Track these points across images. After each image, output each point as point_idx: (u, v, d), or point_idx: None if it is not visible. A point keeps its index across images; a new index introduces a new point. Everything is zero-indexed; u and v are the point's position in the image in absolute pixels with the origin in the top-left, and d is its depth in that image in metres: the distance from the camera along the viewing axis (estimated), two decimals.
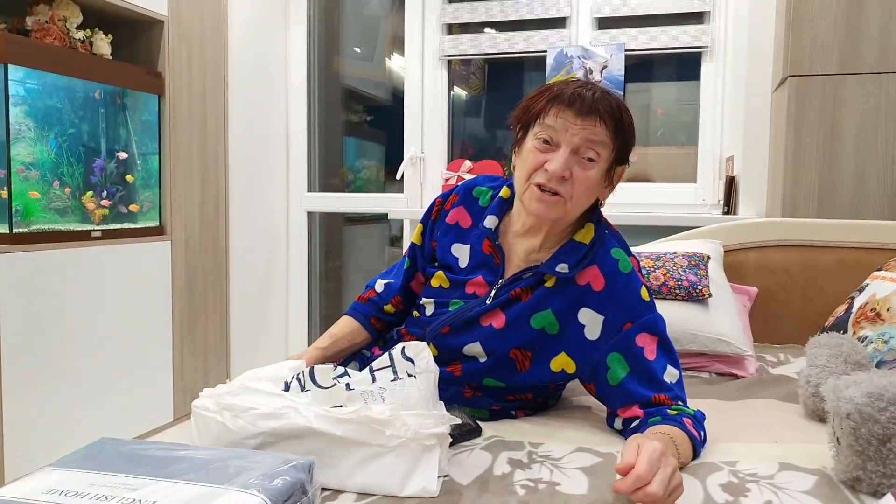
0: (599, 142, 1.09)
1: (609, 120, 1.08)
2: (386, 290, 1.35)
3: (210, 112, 2.62)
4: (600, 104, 1.07)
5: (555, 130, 1.09)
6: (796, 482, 0.96)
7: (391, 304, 1.34)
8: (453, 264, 1.25)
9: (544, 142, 1.10)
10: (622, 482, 0.82)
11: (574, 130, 1.08)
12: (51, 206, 2.10)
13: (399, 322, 1.35)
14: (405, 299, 1.34)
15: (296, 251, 3.26)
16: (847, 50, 2.06)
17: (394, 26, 3.22)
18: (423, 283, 1.32)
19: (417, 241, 1.34)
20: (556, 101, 1.09)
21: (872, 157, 2.05)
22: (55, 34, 2.03)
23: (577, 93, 1.08)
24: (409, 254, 1.35)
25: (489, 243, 1.21)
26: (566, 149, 1.08)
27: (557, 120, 1.08)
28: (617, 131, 1.10)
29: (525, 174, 1.12)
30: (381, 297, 1.34)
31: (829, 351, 1.31)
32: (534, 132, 1.12)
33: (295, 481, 0.78)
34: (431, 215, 1.32)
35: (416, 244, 1.34)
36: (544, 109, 1.10)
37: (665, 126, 2.85)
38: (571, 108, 1.07)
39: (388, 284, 1.35)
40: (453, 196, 1.30)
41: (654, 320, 1.15)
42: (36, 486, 0.72)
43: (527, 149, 1.13)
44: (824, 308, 1.91)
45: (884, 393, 0.90)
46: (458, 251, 1.25)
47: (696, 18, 2.67)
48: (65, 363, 2.05)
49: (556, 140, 1.09)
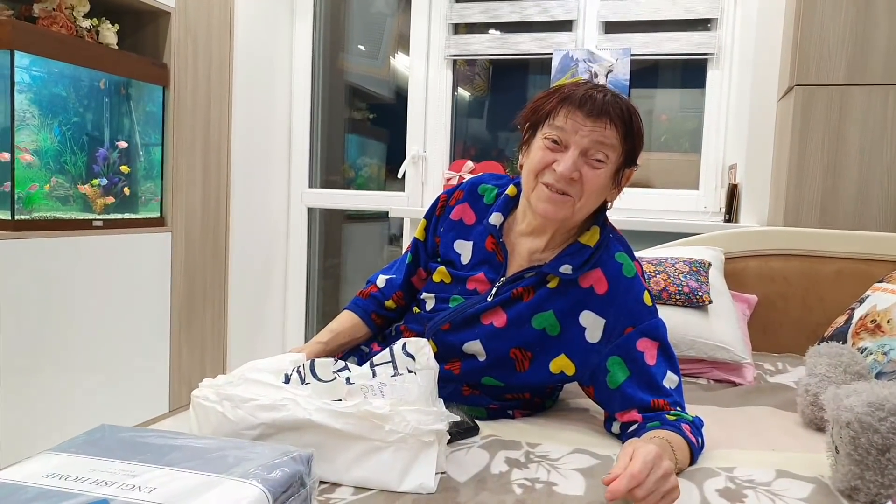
0: (609, 144, 1.09)
1: (619, 123, 1.08)
2: (387, 286, 1.35)
3: (214, 105, 2.62)
4: (611, 107, 1.07)
5: (564, 131, 1.09)
6: (793, 490, 0.96)
7: (392, 300, 1.34)
8: (455, 260, 1.25)
9: (553, 142, 1.10)
10: (617, 482, 0.82)
11: (584, 132, 1.07)
12: (53, 194, 2.09)
13: (399, 318, 1.35)
14: (406, 295, 1.34)
15: (295, 247, 3.25)
16: (854, 61, 2.06)
17: (399, 25, 3.22)
18: (424, 278, 1.32)
19: (420, 236, 1.33)
20: (567, 102, 1.09)
21: (877, 168, 2.06)
22: (62, 22, 2.03)
23: (587, 94, 1.08)
24: (411, 249, 1.35)
25: (493, 240, 1.21)
26: (575, 150, 1.08)
27: (567, 121, 1.08)
28: (626, 134, 1.10)
29: (533, 173, 1.12)
30: (382, 292, 1.34)
31: (829, 360, 1.31)
32: (543, 132, 1.11)
33: (294, 473, 0.78)
34: (436, 211, 1.31)
35: (420, 239, 1.33)
36: (554, 110, 1.09)
37: (668, 132, 2.85)
38: (582, 109, 1.07)
39: (389, 280, 1.35)
40: (458, 192, 1.30)
41: (656, 325, 1.15)
42: (36, 470, 0.72)
43: (535, 148, 1.12)
44: (824, 318, 1.92)
45: (884, 403, 0.90)
46: (460, 247, 1.25)
47: (703, 25, 2.67)
48: (62, 351, 2.04)
49: (565, 141, 1.09)
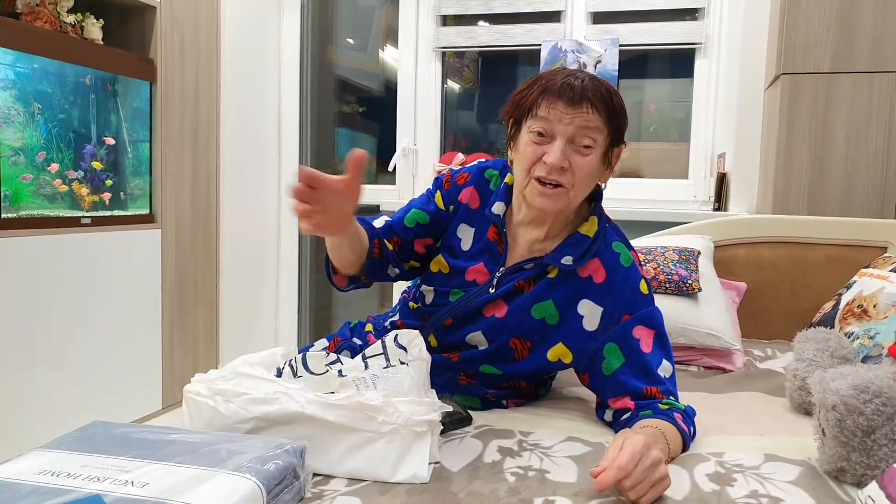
0: (594, 128, 1.08)
1: (601, 105, 1.08)
2: (385, 228, 1.22)
3: (202, 100, 2.61)
4: (590, 91, 1.07)
5: (548, 122, 1.09)
6: (781, 473, 0.98)
7: (391, 242, 1.22)
8: (455, 246, 1.23)
9: (539, 134, 1.10)
10: (604, 474, 0.83)
11: (567, 120, 1.07)
12: (40, 191, 2.08)
13: (386, 265, 1.22)
14: (404, 246, 1.23)
15: (287, 241, 3.25)
16: (840, 49, 2.07)
17: (388, 17, 3.20)
18: (425, 247, 1.24)
19: (441, 204, 1.24)
20: (546, 93, 1.08)
21: (863, 155, 2.07)
22: (45, 17, 2.01)
23: (566, 83, 1.08)
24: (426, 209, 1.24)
25: (495, 230, 1.20)
26: (562, 139, 1.08)
27: (550, 112, 1.08)
28: (610, 116, 1.10)
29: (524, 169, 1.12)
30: (380, 231, 1.21)
31: (816, 345, 1.33)
32: (527, 126, 1.11)
33: (287, 465, 0.78)
34: (443, 185, 1.25)
35: (439, 208, 1.24)
36: (535, 102, 1.09)
37: (658, 122, 2.86)
38: (562, 98, 1.07)
39: (388, 223, 1.24)
40: (465, 174, 1.26)
41: (652, 313, 1.16)
42: (28, 467, 0.72)
43: (523, 143, 1.12)
44: (812, 304, 1.94)
45: (869, 385, 0.92)
46: (462, 232, 1.23)
47: (691, 15, 2.68)
48: (53, 350, 2.03)
49: (550, 131, 1.09)
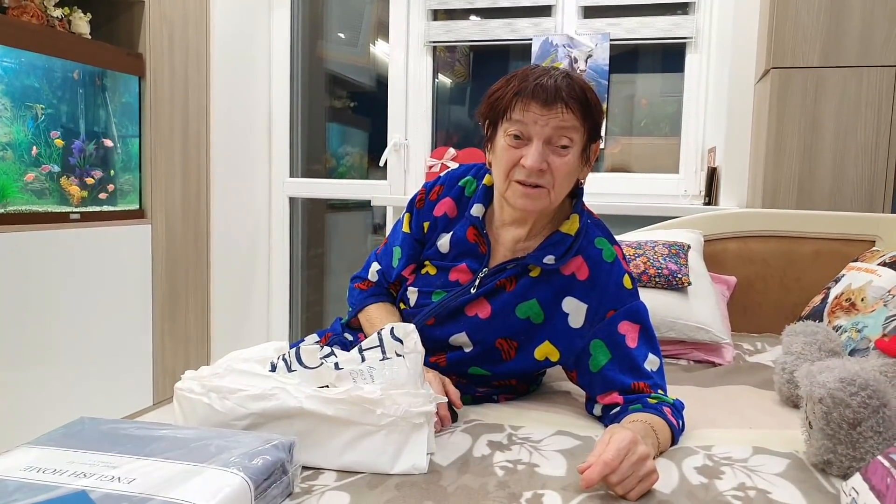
0: (570, 127, 1.08)
1: (575, 104, 1.07)
2: (381, 277, 1.31)
3: (192, 95, 2.59)
4: (564, 91, 1.06)
5: (524, 125, 1.08)
6: (769, 465, 0.99)
7: (392, 286, 1.31)
8: (436, 255, 1.24)
9: (515, 137, 1.09)
10: (590, 470, 0.83)
11: (542, 122, 1.07)
12: (28, 187, 2.07)
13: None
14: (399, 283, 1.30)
15: (278, 237, 3.24)
16: (829, 43, 2.08)
17: (378, 12, 3.19)
18: (412, 271, 1.28)
19: (408, 229, 1.29)
20: (520, 95, 1.08)
21: (852, 149, 2.09)
22: (32, 11, 2.00)
23: (538, 84, 1.07)
24: (400, 243, 1.30)
25: (475, 231, 1.21)
26: (538, 141, 1.07)
27: (524, 114, 1.07)
28: (585, 114, 1.09)
29: (503, 172, 1.11)
30: (379, 282, 1.32)
31: (805, 339, 1.33)
32: (503, 128, 1.11)
33: (275, 461, 0.78)
34: (416, 203, 1.29)
35: (407, 233, 1.29)
36: (510, 105, 1.09)
37: (648, 117, 2.86)
38: (536, 100, 1.06)
39: (379, 271, 1.32)
40: (438, 187, 1.28)
41: (637, 308, 1.16)
42: (14, 464, 0.71)
43: (500, 147, 1.12)
44: (801, 298, 1.95)
45: (855, 378, 0.92)
46: (441, 240, 1.24)
47: (682, 9, 2.68)
48: (42, 347, 2.02)
49: (526, 134, 1.08)
